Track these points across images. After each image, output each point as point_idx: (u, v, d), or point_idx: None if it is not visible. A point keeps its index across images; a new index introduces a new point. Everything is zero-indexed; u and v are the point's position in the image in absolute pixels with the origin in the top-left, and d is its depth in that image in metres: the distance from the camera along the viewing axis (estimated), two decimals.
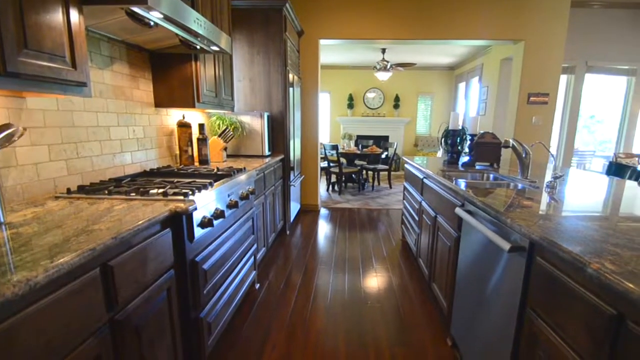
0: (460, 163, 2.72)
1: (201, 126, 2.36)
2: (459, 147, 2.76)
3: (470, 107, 6.68)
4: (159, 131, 2.14)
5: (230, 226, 1.74)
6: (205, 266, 1.42)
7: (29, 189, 1.28)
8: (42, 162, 1.34)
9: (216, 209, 1.51)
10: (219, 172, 1.88)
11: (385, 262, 2.81)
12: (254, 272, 2.18)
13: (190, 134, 2.29)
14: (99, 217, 1.08)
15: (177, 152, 2.33)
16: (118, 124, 1.76)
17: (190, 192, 1.36)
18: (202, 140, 2.36)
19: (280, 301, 2.18)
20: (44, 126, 1.34)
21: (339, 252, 3.02)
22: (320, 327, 1.94)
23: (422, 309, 2.14)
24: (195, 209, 1.29)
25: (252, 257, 2.14)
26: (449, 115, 7.73)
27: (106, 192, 1.34)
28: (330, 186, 5.74)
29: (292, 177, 3.44)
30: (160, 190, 1.37)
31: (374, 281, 2.49)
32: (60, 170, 1.42)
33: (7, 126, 0.96)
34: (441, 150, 7.54)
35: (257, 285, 2.32)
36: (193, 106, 2.04)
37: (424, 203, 2.43)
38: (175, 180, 1.59)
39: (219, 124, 2.71)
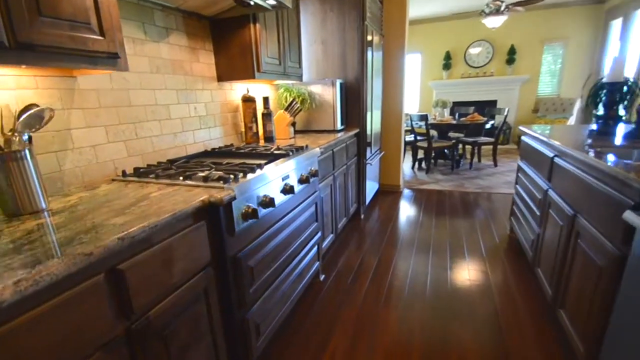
0: (617, 134, 1.83)
1: (265, 99, 2.19)
2: (618, 110, 1.83)
3: (629, 53, 4.83)
4: (223, 107, 2.05)
5: (286, 214, 1.56)
6: (252, 262, 1.27)
7: (88, 171, 1.29)
8: (100, 144, 1.33)
9: (264, 197, 1.32)
10: (275, 152, 1.69)
11: (482, 263, 2.31)
12: (317, 263, 2.00)
13: (255, 108, 2.15)
14: (129, 206, 0.98)
15: (243, 129, 2.23)
16: (178, 101, 1.70)
17: (232, 178, 1.19)
18: (267, 116, 2.20)
19: (348, 296, 1.97)
20: (99, 107, 1.31)
21: (422, 242, 2.63)
22: (392, 331, 1.67)
23: (538, 342, 1.58)
24: (234, 198, 1.11)
25: (316, 247, 1.95)
26: (589, 67, 5.94)
27: (153, 175, 1.28)
28: (416, 163, 5.17)
29: (368, 154, 3.10)
30: (203, 174, 1.23)
31: (467, 287, 2.04)
32: (119, 152, 1.41)
33: (30, 107, 0.90)
34: (574, 116, 5.92)
35: (322, 277, 2.15)
36: (253, 77, 1.87)
37: (552, 193, 1.73)
38: (225, 161, 1.46)
39: (285, 96, 2.52)
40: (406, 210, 3.32)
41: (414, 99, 7.38)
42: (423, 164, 5.25)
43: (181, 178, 1.24)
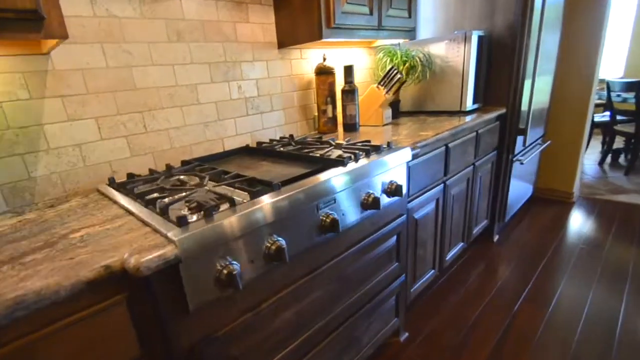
0: None
1: (347, 70, 1.53)
2: None
3: None
4: (286, 84, 1.52)
5: (320, 266, 0.94)
6: (237, 349, 0.75)
7: (71, 177, 1.01)
8: (88, 141, 1.03)
9: (268, 243, 0.75)
10: (328, 156, 1.06)
11: None
12: (394, 320, 1.30)
13: (332, 84, 1.53)
14: (8, 261, 0.60)
15: (317, 113, 1.65)
16: (211, 79, 1.27)
17: (197, 214, 0.67)
18: (348, 93, 1.55)
19: None
20: (86, 92, 1.00)
21: (599, 298, 1.52)
22: None
23: None
24: (178, 260, 0.59)
25: (394, 297, 1.26)
26: None
27: (130, 191, 0.89)
28: (609, 157, 3.41)
29: (519, 146, 2.01)
30: (168, 200, 0.76)
31: None
32: (119, 151, 1.09)
33: None
34: None
35: (405, 336, 1.43)
36: (319, 36, 1.25)
37: None
38: (235, 171, 0.93)
39: (384, 63, 1.77)
40: (579, 234, 2.09)
41: (615, 59, 4.97)
42: (621, 160, 3.44)
43: (140, 202, 0.80)
